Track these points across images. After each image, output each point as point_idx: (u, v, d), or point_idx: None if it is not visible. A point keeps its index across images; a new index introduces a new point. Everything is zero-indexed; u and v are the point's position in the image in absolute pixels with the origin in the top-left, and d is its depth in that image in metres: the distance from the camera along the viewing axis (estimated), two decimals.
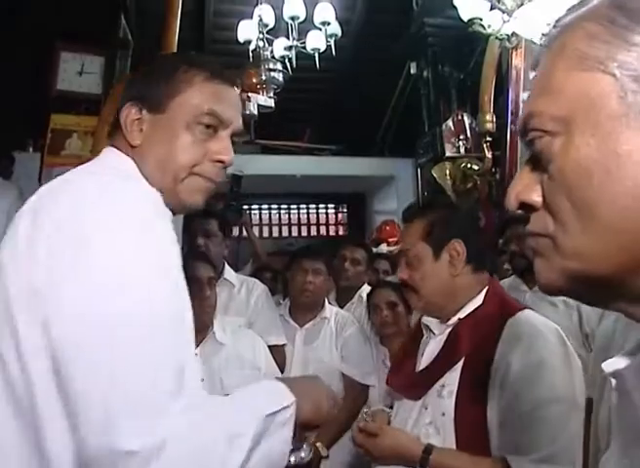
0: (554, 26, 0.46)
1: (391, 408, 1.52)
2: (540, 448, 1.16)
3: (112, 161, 0.94)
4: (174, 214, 0.92)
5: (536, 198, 0.46)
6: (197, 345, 1.52)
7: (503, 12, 2.52)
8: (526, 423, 1.18)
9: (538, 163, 0.45)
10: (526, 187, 0.47)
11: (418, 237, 1.37)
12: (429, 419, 1.31)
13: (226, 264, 2.48)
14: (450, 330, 1.36)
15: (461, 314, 1.35)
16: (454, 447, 1.24)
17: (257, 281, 2.62)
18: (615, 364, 0.46)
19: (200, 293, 1.82)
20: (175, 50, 3.88)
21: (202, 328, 1.81)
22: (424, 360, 1.39)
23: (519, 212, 0.48)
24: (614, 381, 0.45)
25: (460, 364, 1.29)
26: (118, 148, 0.95)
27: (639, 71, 0.41)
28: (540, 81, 0.46)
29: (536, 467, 1.15)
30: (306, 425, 0.92)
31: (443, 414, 1.28)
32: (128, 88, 0.99)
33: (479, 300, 1.35)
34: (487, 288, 1.37)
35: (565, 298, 2.13)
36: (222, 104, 0.98)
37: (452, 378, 1.29)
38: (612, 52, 0.42)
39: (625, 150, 0.41)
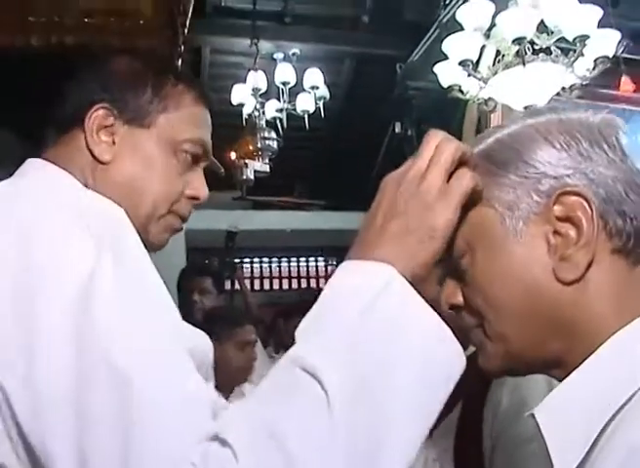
0: None
1: None
2: None
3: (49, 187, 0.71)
4: None
5: (459, 300, 0.61)
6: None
7: (479, 80, 2.71)
8: (506, 459, 1.26)
9: (456, 273, 0.60)
10: (451, 293, 0.62)
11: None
12: (434, 457, 1.37)
13: None
14: None
15: None
16: None
17: None
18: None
19: (251, 355, 1.94)
20: None
21: (232, 386, 1.93)
22: None
23: (450, 311, 0.62)
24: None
25: (460, 403, 1.37)
26: (56, 163, 0.73)
27: (510, 202, 0.56)
28: None
29: None
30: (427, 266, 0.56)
31: (445, 451, 1.35)
32: (88, 80, 0.78)
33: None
34: None
35: None
36: (208, 134, 0.83)
37: (452, 417, 1.36)
38: (490, 192, 0.57)
39: (511, 260, 0.56)
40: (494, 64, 2.78)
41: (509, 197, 0.57)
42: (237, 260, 6.88)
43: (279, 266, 7.13)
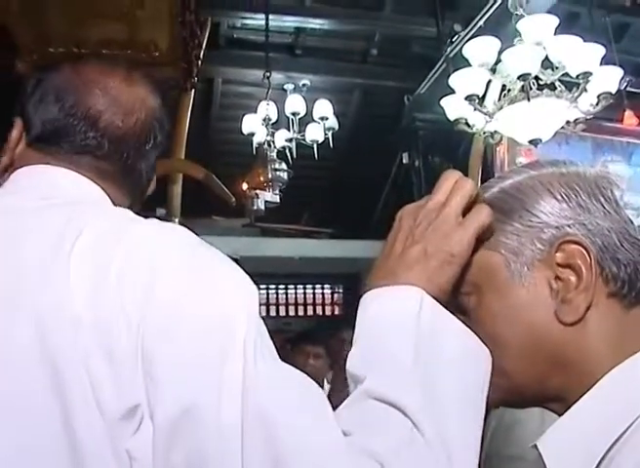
0: None
1: None
2: None
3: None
4: None
5: None
6: None
7: (485, 114, 2.78)
8: None
9: (461, 312, 0.64)
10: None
11: None
12: None
13: None
14: None
15: None
16: None
17: None
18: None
19: None
20: (185, 139, 4.17)
21: None
22: None
23: None
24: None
25: None
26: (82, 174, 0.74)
27: (515, 248, 0.61)
28: None
29: None
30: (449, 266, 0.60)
31: None
32: None
33: None
34: None
35: None
36: None
37: None
38: (496, 237, 0.62)
39: (515, 302, 0.61)
40: (499, 99, 2.84)
41: (514, 244, 0.61)
42: None
43: (286, 293, 7.14)
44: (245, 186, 4.29)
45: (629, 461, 0.51)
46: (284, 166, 4.23)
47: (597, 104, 2.72)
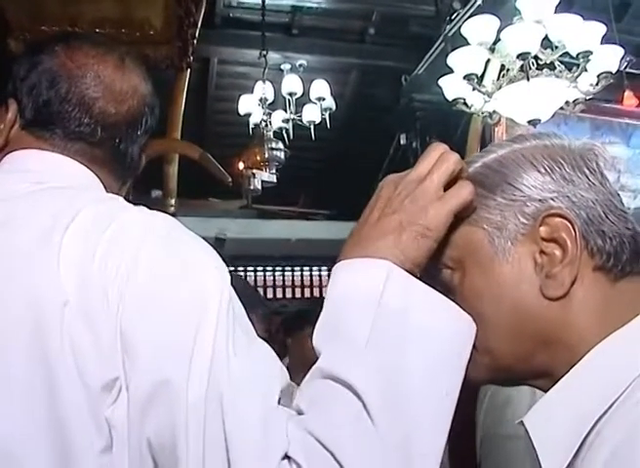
0: None
1: None
2: None
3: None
4: None
5: None
6: None
7: (484, 94, 2.75)
8: (489, 457, 1.30)
9: (445, 289, 0.62)
10: None
11: None
12: None
13: None
14: None
15: None
16: None
17: None
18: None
19: None
20: (180, 119, 4.13)
21: None
22: None
23: None
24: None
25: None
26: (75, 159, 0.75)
27: (498, 223, 0.60)
28: None
29: None
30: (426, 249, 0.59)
31: (441, 462, 1.39)
32: None
33: None
34: None
35: None
36: None
37: None
38: (478, 213, 0.61)
39: (499, 278, 0.60)
40: (498, 79, 2.82)
41: (497, 218, 0.60)
42: (241, 268, 6.94)
43: (283, 275, 7.15)
44: (241, 165, 4.25)
45: (616, 434, 0.50)
46: (280, 145, 4.19)
47: (597, 84, 2.70)
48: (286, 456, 0.52)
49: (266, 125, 4.10)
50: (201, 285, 0.60)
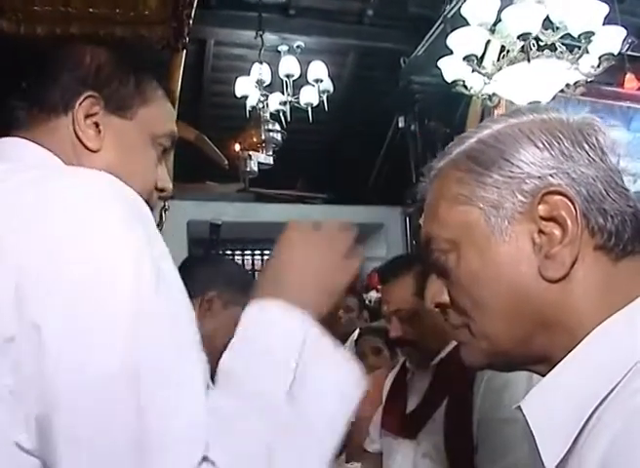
0: (432, 170, 0.65)
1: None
2: (494, 462, 1.27)
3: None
4: None
5: (444, 299, 0.63)
6: None
7: (484, 75, 2.71)
8: (486, 441, 1.29)
9: (441, 273, 0.62)
10: (437, 292, 0.64)
11: (409, 293, 1.41)
12: (423, 452, 1.41)
13: None
14: (434, 369, 1.46)
15: (443, 353, 1.45)
16: None
17: None
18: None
19: None
20: (176, 101, 4.08)
21: None
22: (414, 399, 1.48)
23: (436, 309, 0.66)
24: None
25: (446, 399, 1.39)
26: (44, 146, 0.74)
27: (494, 201, 0.57)
28: (430, 211, 0.64)
29: None
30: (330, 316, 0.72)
31: (435, 447, 1.38)
32: (78, 69, 0.78)
33: None
34: None
35: None
36: (175, 128, 0.85)
37: (439, 413, 1.39)
38: (474, 191, 0.59)
39: (496, 259, 0.57)
40: (498, 60, 2.78)
41: (494, 197, 0.58)
42: (238, 252, 6.92)
43: None
44: (237, 147, 4.21)
45: (616, 422, 0.48)
46: (277, 126, 4.15)
47: (598, 66, 2.67)
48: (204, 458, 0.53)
49: (263, 106, 4.06)
50: (110, 253, 0.57)
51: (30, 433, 0.53)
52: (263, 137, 4.03)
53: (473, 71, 2.72)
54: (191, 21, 3.76)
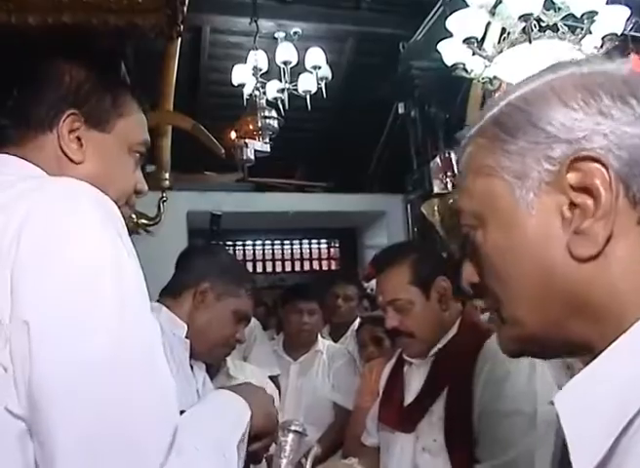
0: (466, 137, 0.58)
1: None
2: (495, 456, 1.24)
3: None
4: None
5: (477, 281, 0.58)
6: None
7: (484, 58, 2.66)
8: (487, 434, 1.26)
9: (472, 251, 0.56)
10: (471, 273, 0.58)
11: (404, 282, 1.39)
12: (422, 446, 1.37)
13: None
14: (432, 360, 1.42)
15: (440, 344, 1.41)
16: (447, 464, 1.31)
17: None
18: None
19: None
20: (172, 90, 4.03)
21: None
22: (411, 391, 1.45)
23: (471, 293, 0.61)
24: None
25: (445, 390, 1.36)
26: (32, 161, 0.80)
27: (519, 171, 0.51)
28: (459, 183, 0.58)
29: None
30: (259, 436, 0.90)
31: (435, 440, 1.34)
32: (57, 88, 0.85)
33: (454, 329, 1.42)
34: (461, 316, 1.44)
35: None
36: (148, 137, 0.94)
37: (438, 405, 1.36)
38: (498, 160, 0.53)
39: (522, 235, 0.51)
40: (499, 42, 2.72)
41: (518, 166, 0.52)
42: (239, 242, 6.89)
43: (282, 248, 7.12)
44: (234, 135, 4.14)
45: None
46: (274, 113, 4.08)
47: (601, 47, 2.60)
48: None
49: (259, 93, 3.99)
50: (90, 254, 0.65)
51: (21, 400, 0.60)
52: (260, 125, 3.96)
53: (474, 54, 2.66)
54: (185, 9, 3.70)
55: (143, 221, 4.13)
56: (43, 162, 0.81)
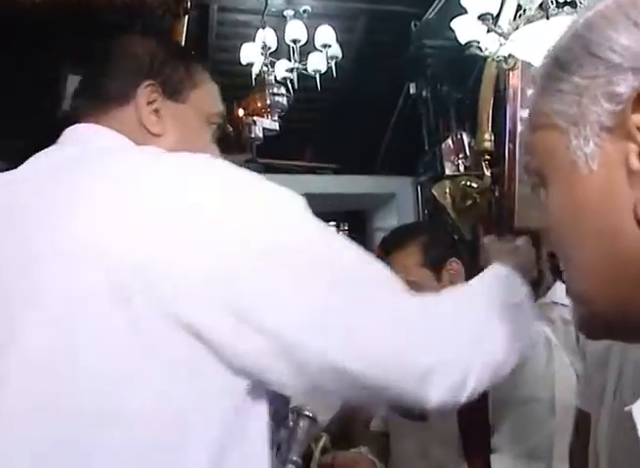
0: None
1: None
2: (513, 445, 1.20)
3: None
4: None
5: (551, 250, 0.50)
6: None
7: (500, 35, 2.58)
8: (504, 422, 1.23)
9: (543, 208, 0.49)
10: (548, 241, 0.52)
11: (414, 263, 1.37)
12: (435, 435, 1.34)
13: None
14: None
15: None
16: (461, 454, 1.29)
17: None
18: None
19: None
20: None
21: None
22: None
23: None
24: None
25: None
26: (116, 130, 0.80)
27: (574, 116, 0.43)
28: (525, 137, 0.50)
29: (512, 463, 1.19)
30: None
31: (447, 429, 1.31)
32: (130, 61, 0.85)
33: None
34: None
35: (564, 316, 2.16)
36: (222, 107, 0.93)
37: None
38: (551, 105, 0.44)
39: (582, 194, 0.43)
40: (515, 19, 2.65)
41: (573, 109, 0.43)
42: None
43: None
44: (241, 112, 4.07)
45: None
46: (283, 90, 4.00)
47: None
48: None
49: (268, 70, 3.91)
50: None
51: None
52: (268, 102, 3.87)
53: (488, 31, 2.58)
54: None
55: None
56: (126, 133, 0.80)
